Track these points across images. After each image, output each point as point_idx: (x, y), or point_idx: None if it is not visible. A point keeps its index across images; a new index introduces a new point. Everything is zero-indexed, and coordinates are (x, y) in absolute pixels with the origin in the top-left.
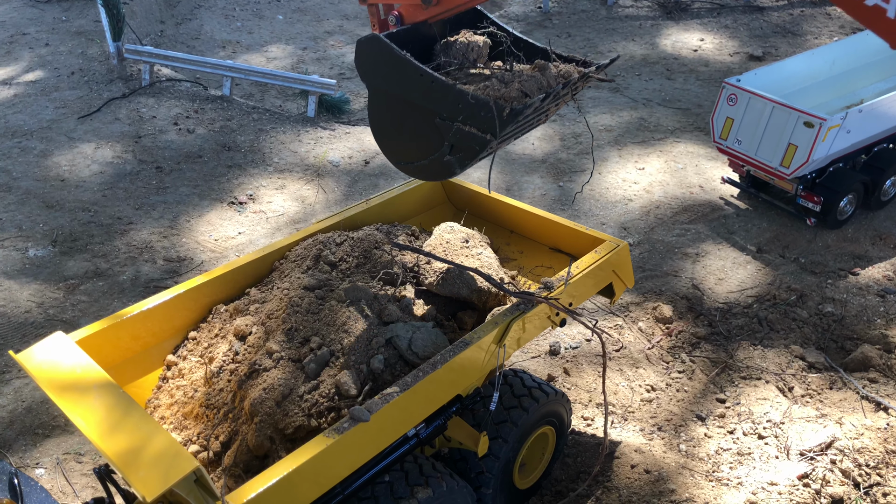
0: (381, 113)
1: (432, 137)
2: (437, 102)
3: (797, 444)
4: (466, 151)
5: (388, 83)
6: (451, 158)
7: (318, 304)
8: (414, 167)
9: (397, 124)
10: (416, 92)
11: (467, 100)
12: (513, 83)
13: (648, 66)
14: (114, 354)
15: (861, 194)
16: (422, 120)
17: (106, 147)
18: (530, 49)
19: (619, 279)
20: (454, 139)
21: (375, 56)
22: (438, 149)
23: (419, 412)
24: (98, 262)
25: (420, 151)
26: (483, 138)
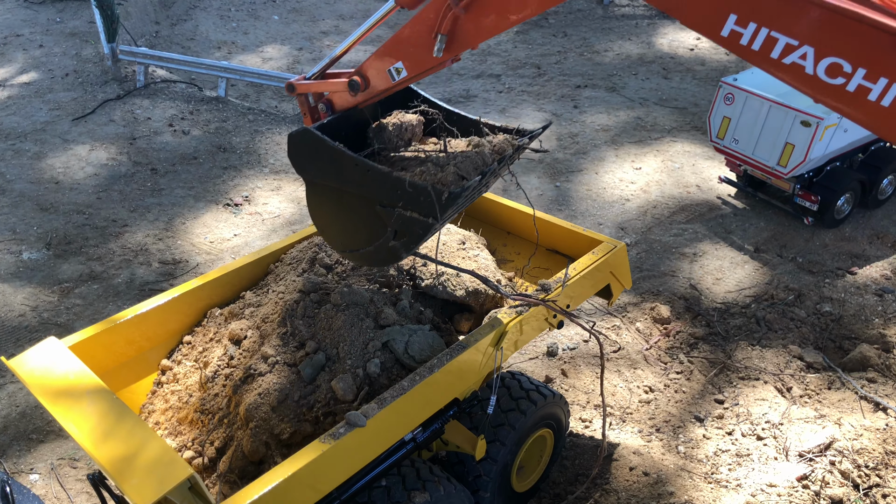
0: (321, 204)
1: (375, 224)
2: (376, 190)
3: (796, 446)
4: (411, 236)
5: (325, 175)
6: (395, 244)
7: (313, 308)
8: (360, 254)
9: (338, 214)
10: (354, 181)
11: (405, 187)
12: (448, 167)
13: (645, 66)
14: (108, 359)
15: (858, 193)
16: (362, 208)
17: (100, 149)
18: (463, 121)
19: (617, 280)
20: (397, 225)
21: (308, 149)
22: (382, 235)
23: (416, 417)
24: (93, 264)
25: (364, 239)
26: (425, 222)
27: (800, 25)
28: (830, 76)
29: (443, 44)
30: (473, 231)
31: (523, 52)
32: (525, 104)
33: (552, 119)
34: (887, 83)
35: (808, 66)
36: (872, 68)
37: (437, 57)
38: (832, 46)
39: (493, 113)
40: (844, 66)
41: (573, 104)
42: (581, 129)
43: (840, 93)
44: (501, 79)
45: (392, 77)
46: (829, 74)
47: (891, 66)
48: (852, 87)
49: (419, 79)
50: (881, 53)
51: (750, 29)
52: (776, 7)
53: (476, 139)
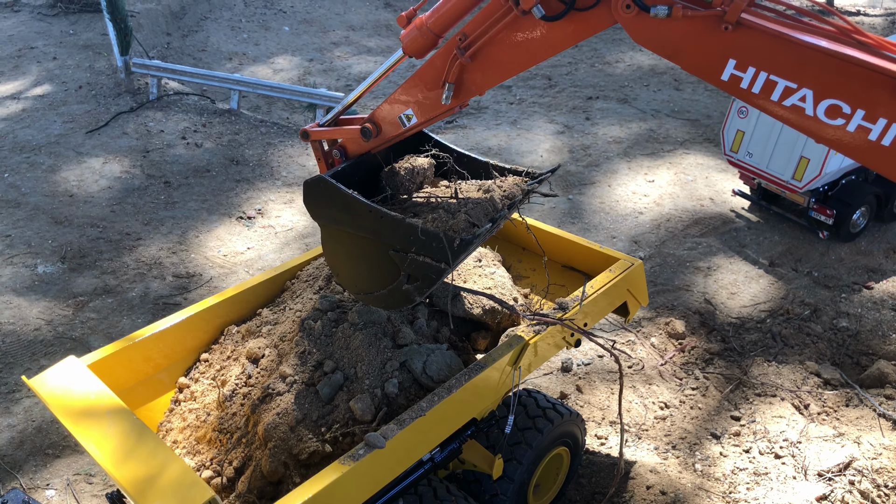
0: (336, 249)
1: (389, 269)
2: (389, 236)
3: (815, 465)
4: (424, 280)
5: (339, 221)
6: (409, 287)
7: (331, 327)
8: (374, 297)
9: (353, 257)
10: (368, 227)
11: (418, 234)
12: (459, 213)
13: (657, 77)
14: (126, 377)
15: (874, 207)
16: (376, 252)
17: (114, 162)
18: (473, 164)
19: (634, 298)
20: (410, 269)
21: (323, 196)
22: (396, 279)
23: (434, 437)
24: (107, 278)
25: (378, 282)
26: (438, 267)
27: (798, 68)
28: (830, 118)
29: (450, 91)
30: (489, 247)
31: None
32: (536, 116)
33: (564, 130)
34: (886, 123)
35: (808, 108)
36: (871, 109)
37: (445, 104)
38: (831, 89)
39: (505, 125)
40: (844, 107)
41: (585, 116)
42: (593, 142)
43: (841, 134)
44: (512, 90)
45: (402, 123)
46: (829, 116)
47: (889, 106)
48: (852, 127)
49: (428, 125)
50: (879, 95)
51: (749, 73)
52: (774, 51)
53: (486, 184)
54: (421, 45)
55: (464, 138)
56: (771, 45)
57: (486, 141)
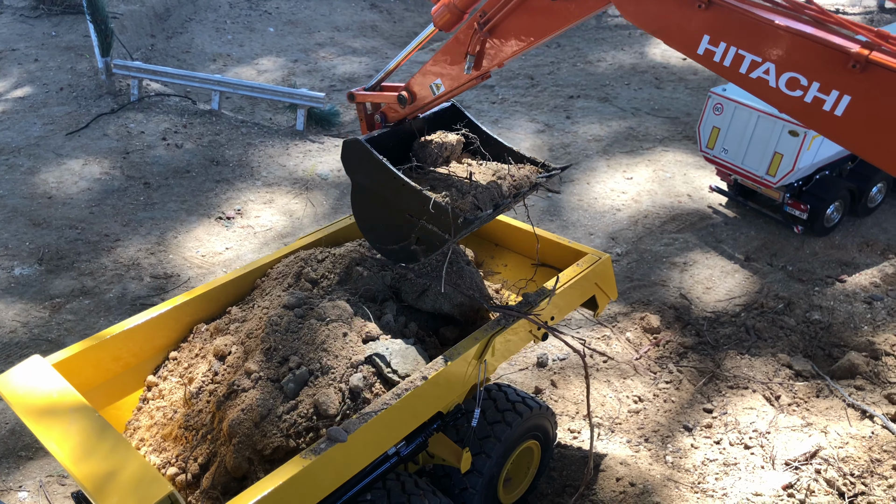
0: (362, 202)
1: (403, 228)
2: (407, 202)
3: (782, 454)
4: (429, 245)
5: (368, 180)
6: (416, 248)
7: (297, 323)
8: (387, 251)
9: (375, 213)
10: (390, 191)
11: (430, 205)
12: (468, 195)
13: (638, 75)
14: (94, 376)
15: (848, 201)
16: (394, 213)
17: (94, 163)
18: (498, 147)
19: (602, 292)
20: (419, 233)
21: (358, 156)
22: (407, 238)
23: (398, 431)
24: (84, 280)
25: (392, 238)
26: (442, 237)
27: (762, 44)
28: (790, 89)
29: (471, 63)
30: (462, 245)
31: (517, 63)
32: (518, 115)
33: (545, 129)
34: (838, 95)
35: (771, 80)
36: (825, 82)
37: (468, 74)
38: (790, 63)
39: (486, 124)
40: (801, 79)
41: (566, 115)
42: (573, 140)
43: (799, 104)
44: (495, 90)
45: (433, 92)
46: (789, 87)
47: (841, 80)
48: (809, 98)
49: (456, 93)
50: (831, 69)
51: (721, 48)
52: (741, 28)
53: (503, 170)
54: (448, 21)
55: None
56: (739, 22)
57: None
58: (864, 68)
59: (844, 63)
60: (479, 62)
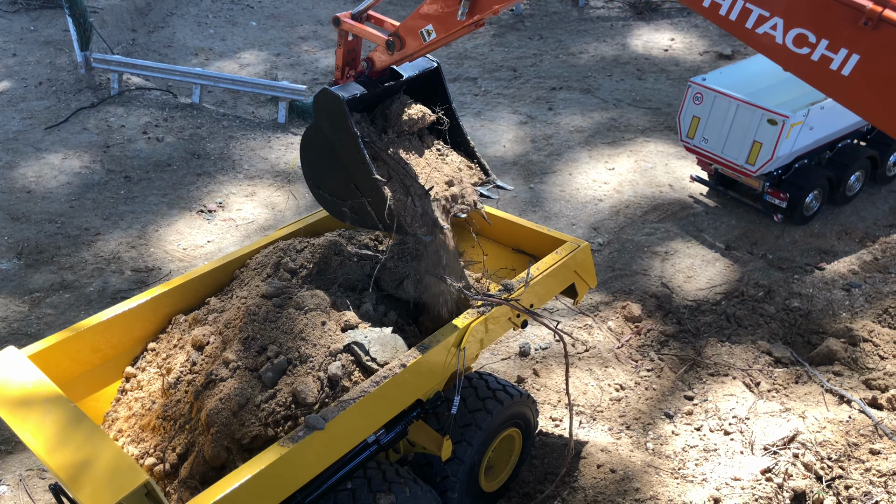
0: (316, 142)
1: (344, 187)
2: (359, 178)
3: (761, 439)
4: (360, 220)
5: (332, 133)
6: (347, 211)
7: (275, 313)
8: (319, 193)
9: (323, 158)
10: (348, 157)
11: (377, 192)
12: (417, 208)
13: (620, 67)
14: (72, 367)
15: (826, 190)
16: (342, 174)
17: (74, 157)
18: (464, 142)
19: (582, 279)
20: (357, 206)
21: (332, 111)
22: (342, 199)
23: (377, 419)
24: (64, 274)
25: (329, 188)
26: (376, 223)
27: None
28: (797, 46)
29: (466, 7)
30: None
31: (499, 55)
32: (501, 107)
33: (527, 120)
34: (847, 54)
35: (778, 36)
36: (834, 39)
37: (461, 20)
38: (799, 18)
39: (469, 116)
40: (809, 36)
41: (548, 106)
42: (555, 131)
43: (806, 62)
44: (478, 82)
45: (423, 38)
46: (796, 44)
47: (850, 37)
48: (816, 56)
49: (448, 41)
50: (841, 26)
51: (727, 0)
52: None
53: (457, 176)
54: None
55: None
56: None
57: None
58: (876, 26)
59: (855, 20)
60: (474, 8)
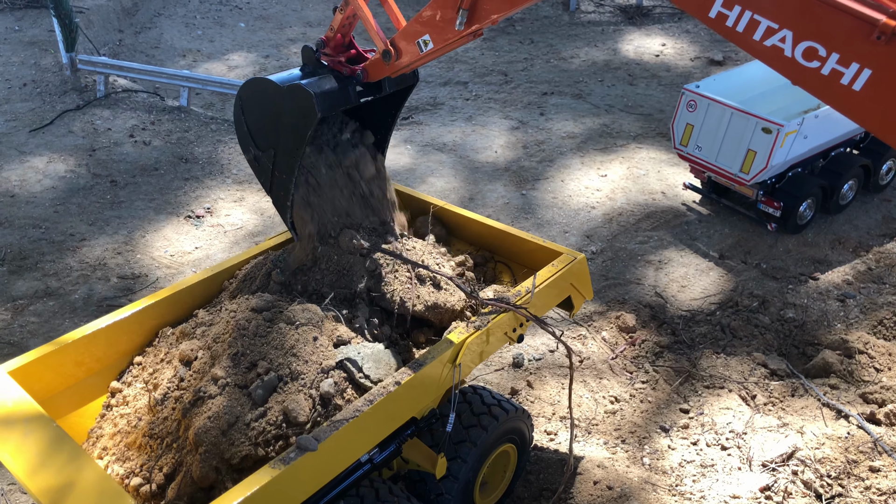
0: (269, 96)
1: (265, 139)
2: (279, 178)
3: (759, 455)
4: (256, 169)
5: (291, 117)
6: (251, 152)
7: (266, 327)
8: (244, 146)
9: (266, 107)
10: (286, 143)
11: (286, 181)
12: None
13: (611, 72)
14: (56, 382)
15: (820, 199)
16: (273, 134)
17: (58, 161)
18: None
19: (578, 292)
20: (263, 161)
21: (303, 109)
22: (255, 144)
23: (370, 438)
24: (49, 280)
25: (253, 124)
26: (265, 186)
27: (780, 9)
28: (807, 60)
29: (464, 17)
30: (437, 243)
31: (490, 60)
32: (492, 112)
33: (519, 126)
34: (858, 68)
35: (787, 49)
36: (845, 53)
37: (459, 30)
38: (809, 31)
39: (460, 121)
40: (820, 50)
41: (539, 111)
42: (547, 137)
43: (815, 76)
44: (468, 86)
45: (420, 49)
46: (806, 58)
47: (862, 52)
48: (826, 70)
49: (445, 51)
50: (854, 39)
51: (735, 11)
52: None
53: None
54: None
55: (419, 134)
56: None
57: (441, 137)
58: (889, 40)
59: (868, 34)
60: (472, 17)
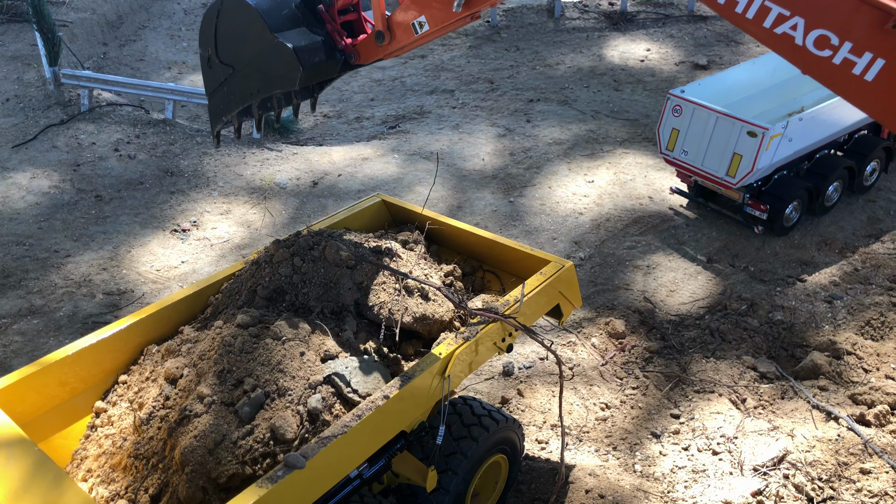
0: (238, 29)
1: (214, 75)
2: (226, 95)
3: (750, 460)
4: (207, 73)
5: (256, 63)
6: (212, 90)
7: (252, 343)
8: (204, 45)
9: (234, 41)
10: (241, 84)
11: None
12: None
13: (596, 78)
14: (39, 403)
15: (805, 201)
16: (223, 73)
17: (42, 177)
18: None
19: (567, 300)
20: (216, 100)
21: (282, 67)
22: (209, 79)
23: (359, 454)
24: (33, 298)
25: (209, 65)
26: (213, 128)
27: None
28: (818, 48)
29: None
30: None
31: (476, 67)
32: (478, 119)
33: (505, 133)
34: (871, 58)
35: (798, 37)
36: (858, 42)
37: (456, 12)
38: (821, 18)
39: (447, 129)
40: (832, 38)
41: (526, 118)
42: (534, 144)
43: (826, 65)
44: (455, 94)
45: (415, 30)
46: (817, 46)
47: (876, 41)
48: (838, 59)
49: (440, 34)
50: (868, 28)
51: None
52: None
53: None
54: None
55: (406, 143)
56: None
57: (428, 146)
58: None
59: (882, 22)
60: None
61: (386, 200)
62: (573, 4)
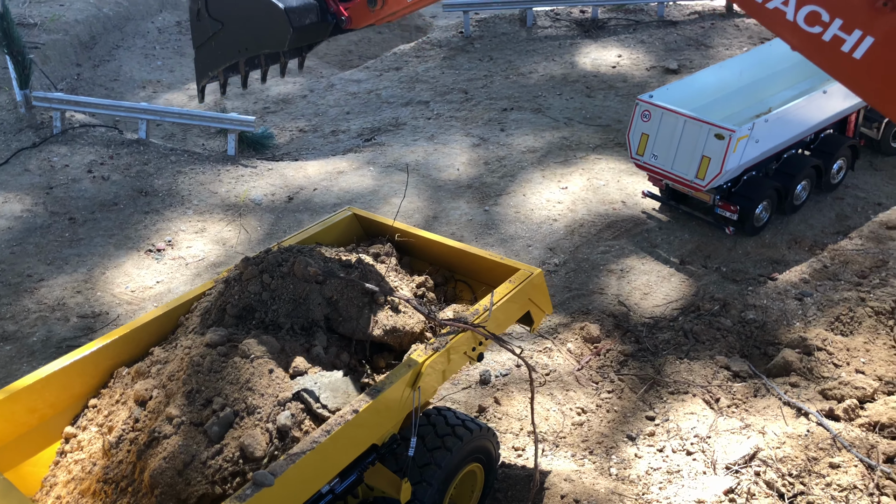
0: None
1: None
2: (214, 50)
3: (723, 458)
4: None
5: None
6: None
7: (220, 362)
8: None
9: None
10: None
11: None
12: None
13: (569, 85)
14: (7, 430)
15: (775, 200)
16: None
17: (14, 201)
18: None
19: (537, 307)
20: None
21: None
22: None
23: (330, 469)
24: (5, 324)
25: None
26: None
27: None
28: (808, 24)
29: None
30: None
31: (451, 78)
32: (453, 130)
33: (480, 143)
34: (861, 35)
35: (790, 13)
36: (848, 19)
37: None
38: None
39: (422, 140)
40: (823, 14)
41: (500, 127)
42: (508, 153)
43: (816, 42)
44: (430, 105)
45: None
46: (808, 22)
47: (866, 18)
48: (828, 36)
49: (431, 1)
50: (858, 5)
51: None
52: None
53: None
54: None
55: (382, 155)
56: None
57: (403, 157)
58: (895, 8)
59: (873, 0)
60: None
61: (357, 214)
62: (545, 13)
